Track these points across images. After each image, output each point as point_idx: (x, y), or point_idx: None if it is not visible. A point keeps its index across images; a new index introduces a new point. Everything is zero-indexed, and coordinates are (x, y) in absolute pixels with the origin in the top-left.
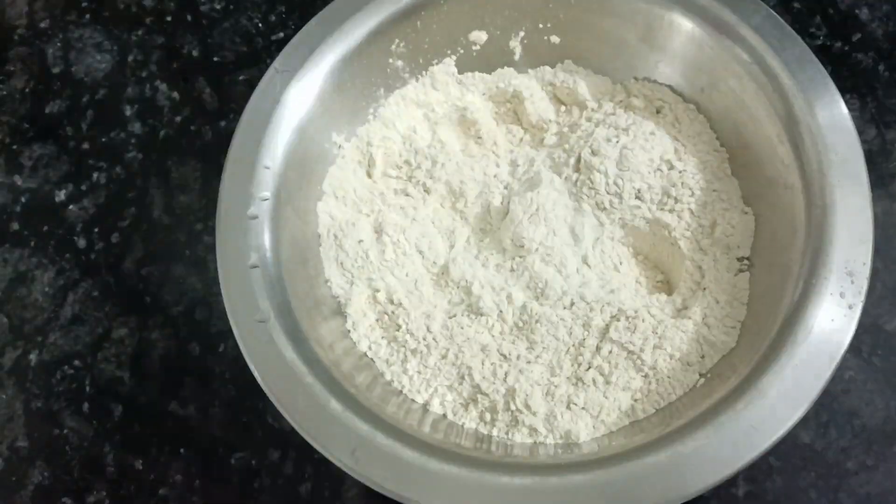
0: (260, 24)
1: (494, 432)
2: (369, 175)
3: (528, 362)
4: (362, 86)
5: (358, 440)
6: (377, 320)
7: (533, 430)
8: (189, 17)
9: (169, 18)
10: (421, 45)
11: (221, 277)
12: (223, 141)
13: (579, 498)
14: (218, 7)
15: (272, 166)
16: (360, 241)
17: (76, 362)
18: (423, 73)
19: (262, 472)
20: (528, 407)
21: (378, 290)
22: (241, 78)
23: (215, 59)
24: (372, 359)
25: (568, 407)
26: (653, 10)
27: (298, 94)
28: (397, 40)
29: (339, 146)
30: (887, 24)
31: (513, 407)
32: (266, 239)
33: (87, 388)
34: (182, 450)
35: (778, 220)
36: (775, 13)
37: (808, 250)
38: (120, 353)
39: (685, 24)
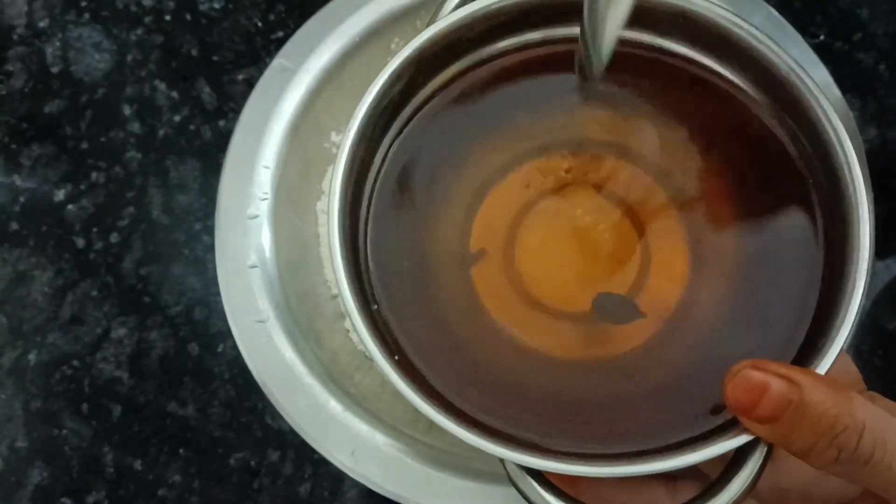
0: (259, 24)
1: None
2: None
3: None
4: (362, 85)
5: (357, 440)
6: None
7: None
8: (188, 17)
9: (168, 18)
10: None
11: (220, 277)
12: (222, 140)
13: None
14: (217, 6)
15: (271, 166)
16: None
17: (75, 362)
18: None
19: (262, 472)
20: None
21: None
22: (240, 77)
23: (214, 58)
24: (371, 358)
25: None
26: None
27: (298, 94)
28: (397, 39)
29: (339, 146)
30: (888, 23)
31: None
32: (265, 239)
33: (86, 389)
34: (181, 450)
35: None
36: (776, 12)
37: None
38: (119, 353)
39: None
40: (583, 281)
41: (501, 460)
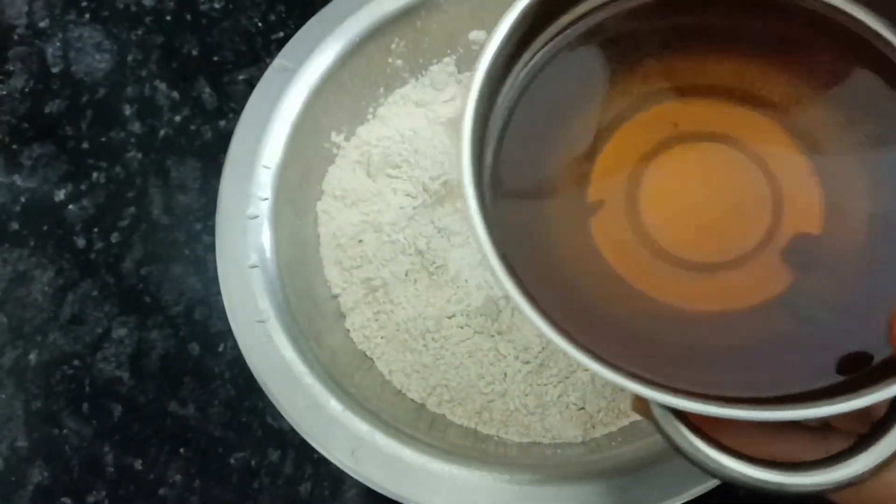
0: (259, 24)
1: (492, 431)
2: (369, 175)
3: (526, 362)
4: (362, 85)
5: (357, 440)
6: (376, 320)
7: (529, 430)
8: (188, 17)
9: (168, 18)
10: (421, 45)
11: (221, 277)
12: (223, 140)
13: (578, 498)
14: (217, 7)
15: (271, 166)
16: (360, 241)
17: (76, 362)
18: (423, 72)
19: (262, 471)
20: (524, 406)
21: (377, 290)
22: (240, 77)
23: (215, 58)
24: (371, 358)
25: (567, 406)
26: None
27: (298, 94)
28: (397, 39)
29: (339, 146)
30: None
31: (512, 406)
32: (266, 239)
33: (87, 388)
34: (181, 450)
35: None
36: None
37: None
38: (119, 353)
39: None
40: (712, 230)
41: (647, 408)
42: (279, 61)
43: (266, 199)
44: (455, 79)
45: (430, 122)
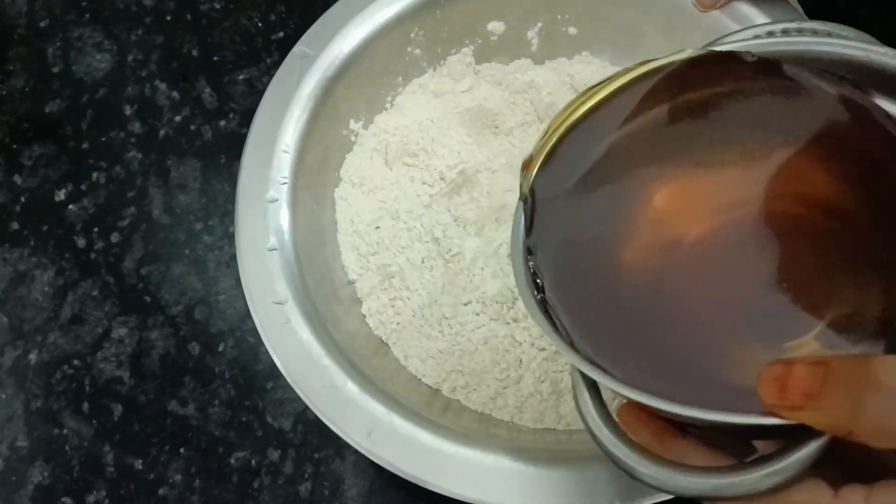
0: (260, 24)
1: (507, 417)
2: (386, 163)
3: (541, 349)
4: (380, 74)
5: (374, 421)
6: (392, 306)
7: (544, 416)
8: (189, 17)
9: (168, 18)
10: (440, 35)
11: (240, 259)
12: (223, 140)
13: (592, 483)
14: (217, 7)
15: (290, 150)
16: (377, 228)
17: (76, 362)
18: (441, 62)
19: (262, 471)
20: (539, 392)
21: (393, 276)
22: (240, 77)
23: (215, 58)
24: (386, 343)
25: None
26: (670, 2)
27: (317, 80)
28: (416, 29)
29: (357, 133)
30: (888, 23)
31: (526, 393)
32: (284, 222)
33: (87, 388)
34: (181, 449)
35: None
36: (793, 5)
37: None
38: (119, 352)
39: (703, 17)
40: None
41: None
42: (300, 48)
43: (285, 182)
44: (472, 69)
45: (448, 111)
